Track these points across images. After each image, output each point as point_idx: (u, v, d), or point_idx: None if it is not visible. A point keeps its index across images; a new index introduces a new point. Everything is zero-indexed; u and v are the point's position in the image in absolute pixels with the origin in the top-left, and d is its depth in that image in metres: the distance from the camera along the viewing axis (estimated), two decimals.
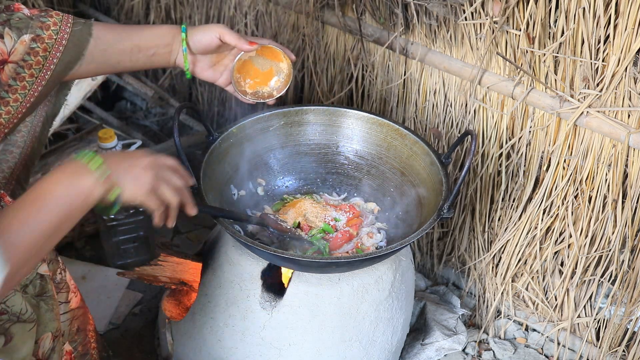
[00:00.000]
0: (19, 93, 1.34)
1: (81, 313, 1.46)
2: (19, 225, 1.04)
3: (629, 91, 1.60)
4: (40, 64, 1.34)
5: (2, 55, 1.30)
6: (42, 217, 1.07)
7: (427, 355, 1.90)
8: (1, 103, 1.33)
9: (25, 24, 1.32)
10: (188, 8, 2.54)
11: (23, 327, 1.20)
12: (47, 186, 1.10)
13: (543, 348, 2.03)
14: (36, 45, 1.32)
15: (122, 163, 1.19)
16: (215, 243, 1.71)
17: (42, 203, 1.08)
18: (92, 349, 1.53)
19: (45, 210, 1.07)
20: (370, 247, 1.68)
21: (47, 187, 1.10)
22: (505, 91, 1.81)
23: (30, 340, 1.22)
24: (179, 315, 1.81)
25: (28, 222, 1.05)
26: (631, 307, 1.80)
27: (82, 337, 1.48)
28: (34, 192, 1.09)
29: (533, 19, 1.65)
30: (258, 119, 1.76)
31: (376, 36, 1.99)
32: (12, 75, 1.32)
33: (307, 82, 2.32)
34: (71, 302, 1.42)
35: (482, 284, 2.07)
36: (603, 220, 1.79)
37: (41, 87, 1.36)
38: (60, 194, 1.09)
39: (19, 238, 1.03)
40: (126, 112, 2.92)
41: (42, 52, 1.34)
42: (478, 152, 1.95)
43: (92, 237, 2.23)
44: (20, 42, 1.31)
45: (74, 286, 1.42)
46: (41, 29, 1.33)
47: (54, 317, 1.28)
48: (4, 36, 1.29)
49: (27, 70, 1.33)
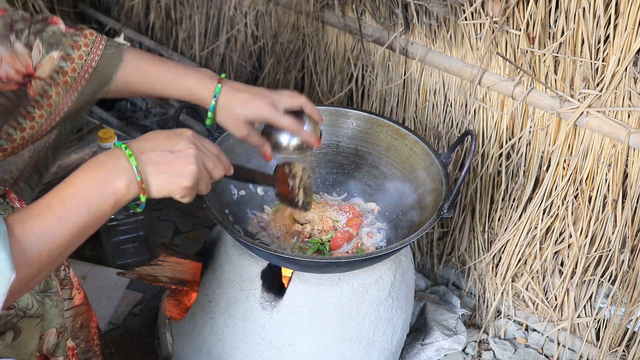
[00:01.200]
0: (44, 109, 1.29)
1: (84, 310, 1.46)
2: (43, 229, 0.96)
3: (629, 91, 1.60)
4: (68, 84, 1.29)
5: (27, 68, 1.25)
6: (70, 220, 0.99)
7: (427, 355, 1.90)
8: (27, 117, 1.29)
9: (58, 40, 1.27)
10: (188, 8, 2.54)
11: (30, 321, 1.18)
12: (79, 186, 1.01)
13: (543, 348, 2.03)
14: (65, 65, 1.27)
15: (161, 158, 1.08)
16: (215, 243, 1.71)
17: (73, 204, 0.99)
18: (95, 345, 1.53)
19: (74, 213, 0.99)
20: (370, 247, 1.68)
21: (78, 187, 1.01)
22: (505, 91, 1.81)
23: (36, 335, 1.21)
24: (179, 315, 1.81)
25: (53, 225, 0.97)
26: (631, 307, 1.80)
27: (85, 334, 1.48)
28: (63, 191, 1.00)
29: (533, 19, 1.65)
30: None
31: (376, 36, 1.99)
32: (39, 91, 1.27)
33: (307, 82, 2.32)
34: (74, 298, 1.42)
35: (482, 284, 2.07)
36: (603, 220, 1.79)
37: (67, 107, 1.31)
38: (91, 196, 1.01)
39: (40, 245, 0.95)
40: (126, 112, 2.92)
41: (71, 73, 1.28)
42: (478, 152, 1.95)
43: (92, 237, 2.21)
44: (48, 57, 1.26)
45: (77, 283, 1.41)
46: (72, 48, 1.28)
47: (58, 313, 1.27)
48: (33, 48, 1.24)
49: (54, 88, 1.28)
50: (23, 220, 0.96)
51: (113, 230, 2.07)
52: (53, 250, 0.97)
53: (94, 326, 1.52)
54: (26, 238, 0.94)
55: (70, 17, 2.92)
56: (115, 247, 2.12)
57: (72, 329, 1.42)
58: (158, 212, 2.42)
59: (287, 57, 2.33)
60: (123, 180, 1.03)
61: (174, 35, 2.64)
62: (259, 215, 1.75)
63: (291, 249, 1.66)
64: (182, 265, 1.78)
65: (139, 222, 2.08)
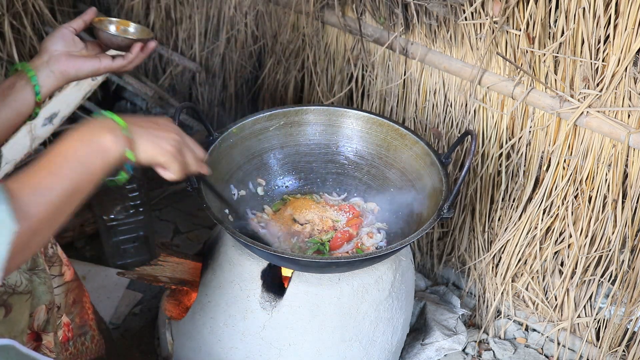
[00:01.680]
0: None
1: (76, 285, 1.49)
2: (36, 184, 1.00)
3: (629, 91, 1.60)
4: None
5: None
6: (63, 175, 1.03)
7: (427, 355, 1.90)
8: None
9: None
10: (188, 8, 2.54)
11: (20, 298, 1.21)
12: (68, 143, 1.06)
13: (543, 348, 2.03)
14: None
15: (145, 123, 1.16)
16: (215, 243, 1.71)
17: (59, 163, 1.04)
18: (90, 320, 1.56)
19: (65, 168, 1.03)
20: (370, 247, 1.68)
21: (66, 147, 1.06)
22: (505, 91, 1.81)
23: (26, 311, 1.24)
24: (179, 315, 1.81)
25: (47, 180, 1.01)
26: (631, 307, 1.80)
27: (78, 309, 1.50)
28: (53, 150, 1.05)
29: (533, 19, 1.65)
30: (258, 119, 1.75)
31: (376, 36, 1.99)
32: None
33: (307, 82, 2.32)
34: (65, 275, 1.44)
35: (482, 284, 2.07)
36: (603, 220, 1.79)
37: None
38: (78, 154, 1.05)
39: (37, 198, 0.99)
40: (126, 112, 2.92)
41: None
42: (478, 152, 1.95)
43: (92, 237, 2.23)
44: None
45: (66, 259, 1.44)
46: None
47: (47, 290, 1.30)
48: None
49: None
50: (17, 178, 0.99)
51: (113, 230, 2.07)
52: (50, 205, 0.99)
53: (87, 301, 1.55)
54: (22, 192, 0.97)
55: (70, 17, 2.92)
56: (115, 247, 2.12)
57: (65, 305, 1.45)
58: (158, 212, 2.42)
59: (287, 57, 2.33)
60: (110, 135, 1.08)
61: (174, 35, 2.64)
62: (259, 215, 1.75)
63: (291, 248, 1.66)
64: (182, 265, 1.78)
65: (139, 222, 2.08)
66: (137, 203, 2.03)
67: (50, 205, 1.00)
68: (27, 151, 2.20)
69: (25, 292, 1.23)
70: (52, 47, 1.37)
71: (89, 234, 2.23)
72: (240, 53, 2.51)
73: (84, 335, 1.54)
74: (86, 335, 1.55)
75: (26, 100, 1.33)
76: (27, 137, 2.22)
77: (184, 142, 1.21)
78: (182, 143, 1.20)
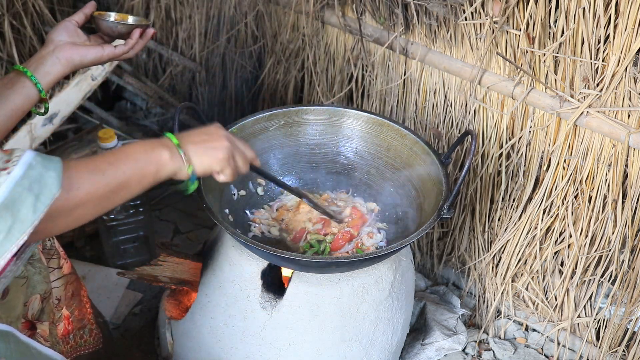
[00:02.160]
0: None
1: (74, 279, 1.51)
2: (93, 165, 1.11)
3: (629, 91, 1.60)
4: None
5: None
6: (118, 166, 1.13)
7: (427, 355, 1.90)
8: None
9: None
10: (188, 8, 2.54)
11: (17, 282, 1.25)
12: (129, 148, 1.18)
13: (543, 348, 2.03)
14: None
15: (197, 138, 1.26)
16: (215, 243, 1.71)
17: (119, 157, 1.15)
18: (88, 314, 1.57)
19: (119, 164, 1.14)
20: (370, 247, 1.68)
21: (128, 149, 1.18)
22: (505, 91, 1.81)
23: (22, 297, 1.28)
24: (179, 315, 1.81)
25: (100, 168, 1.11)
26: (631, 307, 1.80)
27: (77, 302, 1.53)
28: (116, 150, 1.18)
29: (533, 19, 1.65)
30: (258, 119, 1.75)
31: (376, 36, 1.99)
32: None
33: (307, 82, 2.32)
34: (63, 267, 1.47)
35: (482, 284, 2.07)
36: (603, 220, 1.79)
37: None
38: (137, 157, 1.17)
39: (87, 177, 1.08)
40: (126, 112, 2.91)
41: None
42: (478, 152, 1.95)
43: (92, 237, 2.23)
44: None
45: (63, 252, 1.47)
46: None
47: (42, 280, 1.34)
48: None
49: None
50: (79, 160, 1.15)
51: (113, 230, 2.07)
52: (100, 186, 1.10)
53: (85, 295, 1.57)
54: (78, 167, 1.09)
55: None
56: (115, 247, 2.12)
57: (65, 298, 1.47)
58: (158, 212, 2.42)
59: (287, 57, 2.33)
60: (167, 152, 1.20)
61: (174, 35, 2.64)
62: (259, 214, 1.75)
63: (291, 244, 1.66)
64: (182, 265, 1.78)
65: (139, 222, 2.08)
66: (137, 203, 2.03)
67: (98, 187, 1.09)
68: None
69: (22, 276, 1.27)
70: (57, 37, 1.44)
71: (88, 233, 2.23)
72: (240, 53, 2.51)
73: (83, 328, 1.56)
74: (85, 328, 1.57)
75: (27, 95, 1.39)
76: (27, 137, 2.22)
77: (235, 147, 1.31)
78: (234, 148, 1.30)
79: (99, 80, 2.40)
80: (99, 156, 1.16)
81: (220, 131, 1.30)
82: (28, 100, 1.39)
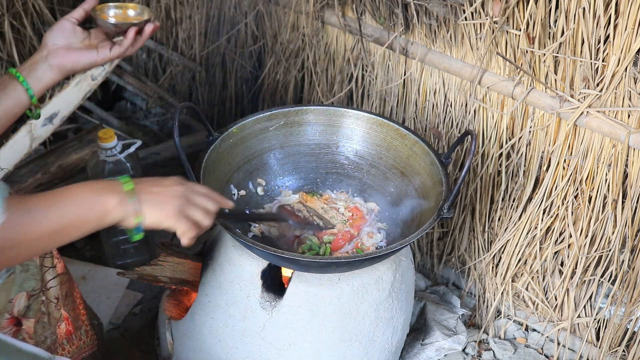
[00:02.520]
0: None
1: (67, 279, 1.51)
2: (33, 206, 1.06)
3: (629, 91, 1.60)
4: None
5: None
6: (60, 210, 1.09)
7: (427, 355, 1.90)
8: None
9: None
10: (188, 8, 2.54)
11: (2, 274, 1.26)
12: (75, 189, 1.13)
13: (543, 348, 2.03)
14: None
15: (151, 189, 1.20)
16: (215, 243, 1.71)
17: (61, 199, 1.11)
18: (82, 315, 1.57)
19: (60, 206, 1.10)
20: (370, 247, 1.68)
21: (74, 190, 1.13)
22: (505, 91, 1.81)
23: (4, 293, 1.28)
24: (179, 315, 1.81)
25: (41, 208, 1.07)
26: (631, 307, 1.80)
27: (70, 302, 1.53)
28: (63, 188, 1.13)
29: (533, 19, 1.65)
30: (258, 119, 1.75)
31: (376, 36, 1.99)
32: None
33: (307, 82, 2.32)
34: (57, 267, 1.46)
35: (482, 284, 2.07)
36: (603, 220, 1.79)
37: None
38: (80, 201, 1.12)
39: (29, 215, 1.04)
40: (126, 112, 2.92)
41: None
42: (478, 152, 1.95)
43: (92, 237, 2.21)
44: None
45: (56, 252, 1.46)
46: None
47: (29, 277, 1.33)
48: None
49: None
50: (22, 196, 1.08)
51: (113, 230, 2.06)
52: (37, 229, 1.06)
53: (78, 296, 1.57)
54: (20, 206, 1.04)
55: None
56: (115, 247, 2.12)
57: (60, 297, 1.46)
58: None
59: (287, 57, 2.33)
60: (114, 199, 1.14)
61: (174, 35, 2.64)
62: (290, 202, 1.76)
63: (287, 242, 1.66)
64: (182, 265, 1.78)
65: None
66: None
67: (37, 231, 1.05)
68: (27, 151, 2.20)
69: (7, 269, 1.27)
70: (51, 41, 1.41)
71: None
72: (240, 53, 2.51)
73: (79, 329, 1.55)
74: (80, 329, 1.56)
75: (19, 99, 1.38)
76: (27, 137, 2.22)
77: (190, 203, 1.24)
78: (187, 205, 1.23)
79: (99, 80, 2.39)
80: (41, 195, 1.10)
81: (176, 186, 1.24)
82: (19, 104, 1.38)
